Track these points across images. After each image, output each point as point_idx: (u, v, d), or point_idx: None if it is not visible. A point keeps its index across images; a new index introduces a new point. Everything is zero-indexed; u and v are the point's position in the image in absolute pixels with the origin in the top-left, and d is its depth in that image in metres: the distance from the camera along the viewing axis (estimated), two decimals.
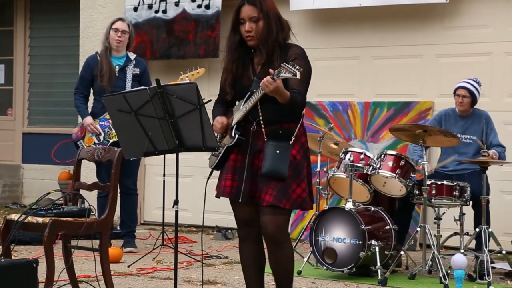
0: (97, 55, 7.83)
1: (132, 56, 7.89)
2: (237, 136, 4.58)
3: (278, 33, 4.53)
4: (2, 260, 4.83)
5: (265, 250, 4.71)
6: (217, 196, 4.70)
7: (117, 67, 7.74)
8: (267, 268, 4.71)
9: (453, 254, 6.38)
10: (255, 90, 4.47)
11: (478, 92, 7.20)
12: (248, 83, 4.57)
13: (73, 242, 5.69)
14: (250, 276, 4.73)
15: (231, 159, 4.64)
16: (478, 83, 7.21)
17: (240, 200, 4.57)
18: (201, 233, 6.12)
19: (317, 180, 7.17)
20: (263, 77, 4.37)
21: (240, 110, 4.60)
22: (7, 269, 4.03)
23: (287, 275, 4.65)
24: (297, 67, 4.19)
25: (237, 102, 4.77)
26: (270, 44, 4.51)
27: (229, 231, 8.88)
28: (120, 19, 7.91)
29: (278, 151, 4.45)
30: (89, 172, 8.77)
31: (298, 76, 4.18)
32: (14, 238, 5.43)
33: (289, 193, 4.47)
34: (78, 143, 7.73)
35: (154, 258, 7.35)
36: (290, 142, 4.50)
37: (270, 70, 4.29)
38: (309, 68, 4.55)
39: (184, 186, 7.85)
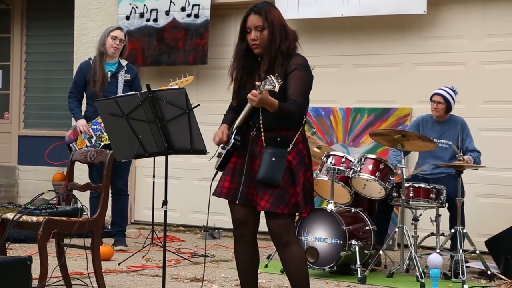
0: (90, 61, 7.80)
1: (124, 62, 7.87)
2: (232, 141, 4.53)
3: (282, 42, 4.48)
4: None
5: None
6: (215, 195, 4.65)
7: (109, 72, 7.72)
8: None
9: (430, 254, 6.39)
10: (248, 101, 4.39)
11: (453, 99, 7.21)
12: (251, 90, 4.44)
13: (66, 241, 5.68)
14: (243, 274, 4.68)
15: (231, 161, 4.59)
16: (454, 91, 7.22)
17: (237, 202, 4.53)
18: (205, 232, 6.04)
19: None
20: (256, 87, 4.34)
21: (239, 117, 4.55)
22: (2, 266, 4.01)
23: (300, 278, 4.54)
24: (279, 80, 4.17)
25: None
26: (273, 52, 4.46)
27: (216, 230, 8.86)
28: (119, 28, 7.88)
29: (274, 159, 4.39)
30: (82, 174, 8.74)
31: (277, 89, 4.16)
32: (9, 236, 5.40)
33: (287, 198, 4.41)
34: (70, 145, 7.70)
35: (143, 256, 7.33)
36: (288, 150, 4.44)
37: (257, 83, 4.27)
38: (308, 78, 4.50)
39: (172, 187, 7.84)
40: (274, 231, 4.51)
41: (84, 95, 7.86)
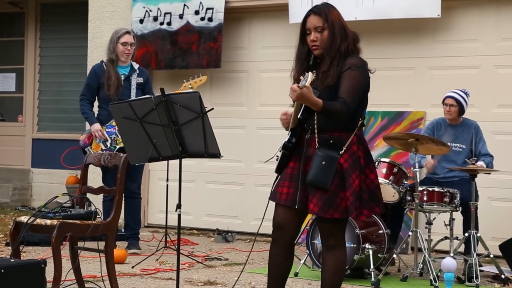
0: (103, 64, 7.81)
1: (136, 66, 7.88)
2: (284, 142, 4.50)
3: (342, 43, 4.44)
4: (12, 260, 4.82)
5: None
6: (272, 200, 4.57)
7: (122, 76, 7.74)
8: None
9: (443, 258, 6.38)
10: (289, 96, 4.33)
11: (466, 101, 7.20)
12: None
13: (80, 244, 5.69)
14: (272, 278, 4.64)
15: (289, 166, 4.53)
16: (466, 93, 7.21)
17: (296, 207, 4.46)
18: (255, 238, 6.00)
19: None
20: (318, 86, 4.31)
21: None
22: (17, 269, 4.03)
23: (333, 280, 4.53)
24: (314, 74, 4.14)
25: None
26: (333, 53, 4.41)
27: (229, 234, 8.87)
28: (127, 32, 7.85)
29: (324, 162, 4.34)
30: (95, 177, 8.75)
31: (307, 83, 4.13)
32: (24, 239, 5.42)
33: (337, 202, 4.35)
34: (85, 149, 7.71)
35: (157, 260, 7.34)
36: (341, 152, 4.38)
37: (301, 77, 4.25)
38: (362, 78, 4.45)
39: (186, 191, 7.86)
40: (322, 233, 4.55)
41: (97, 98, 7.88)
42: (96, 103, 7.92)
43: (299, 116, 4.45)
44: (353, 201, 4.36)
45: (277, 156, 4.60)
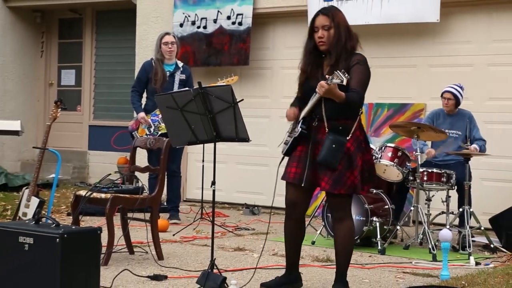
0: (152, 61, 7.83)
1: (180, 64, 7.89)
2: (300, 129, 4.51)
3: (347, 41, 4.46)
4: (73, 227, 4.86)
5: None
6: (283, 179, 4.63)
7: (167, 72, 7.75)
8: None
9: (440, 230, 6.34)
10: (317, 91, 4.36)
11: (461, 95, 7.16)
12: (315, 83, 4.39)
13: (129, 214, 5.73)
14: (289, 247, 4.71)
15: (297, 149, 4.58)
16: (461, 87, 7.17)
17: (303, 185, 4.50)
18: (270, 211, 6.01)
19: None
20: (325, 79, 4.31)
21: (306, 107, 4.51)
22: (77, 235, 4.07)
23: (346, 245, 4.54)
24: (346, 75, 4.13)
25: None
26: (339, 49, 4.43)
27: (256, 207, 8.87)
28: (167, 33, 7.88)
29: (334, 145, 4.36)
30: (142, 158, 8.79)
31: (345, 83, 4.14)
32: (82, 210, 5.48)
33: (343, 180, 4.39)
34: (133, 133, 7.75)
35: (194, 229, 7.37)
36: (348, 138, 4.40)
37: (326, 75, 4.24)
38: (368, 73, 4.48)
39: (219, 170, 7.83)
40: (332, 207, 4.58)
41: (145, 90, 7.90)
42: (144, 95, 7.95)
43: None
44: (360, 180, 4.42)
45: (286, 140, 4.66)
